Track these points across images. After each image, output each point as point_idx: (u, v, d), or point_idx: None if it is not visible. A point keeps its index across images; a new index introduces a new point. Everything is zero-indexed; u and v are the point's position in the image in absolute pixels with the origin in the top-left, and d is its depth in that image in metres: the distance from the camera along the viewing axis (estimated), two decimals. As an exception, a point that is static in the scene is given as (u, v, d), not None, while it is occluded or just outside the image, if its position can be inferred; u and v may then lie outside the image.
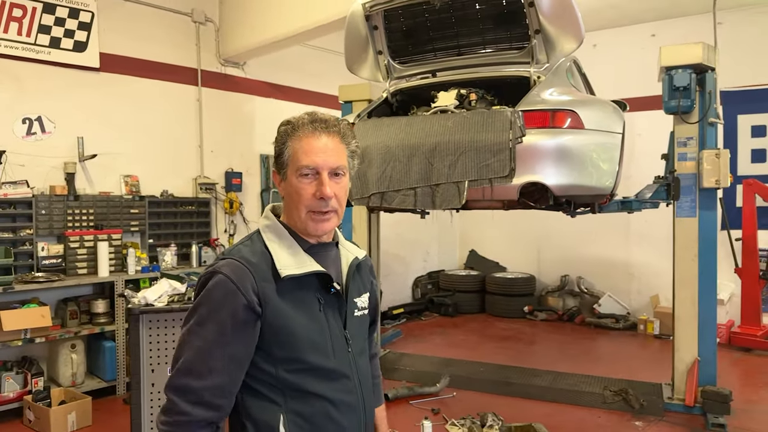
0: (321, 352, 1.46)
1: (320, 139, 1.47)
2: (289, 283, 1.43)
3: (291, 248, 1.49)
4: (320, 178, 1.46)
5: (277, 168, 1.54)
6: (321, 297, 1.49)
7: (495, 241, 9.51)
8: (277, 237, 1.51)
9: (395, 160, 3.46)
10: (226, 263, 1.43)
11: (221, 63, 6.66)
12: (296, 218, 1.50)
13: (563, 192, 3.38)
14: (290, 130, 1.49)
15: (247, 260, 1.43)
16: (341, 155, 1.50)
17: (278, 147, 1.52)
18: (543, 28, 3.69)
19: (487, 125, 3.28)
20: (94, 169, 5.57)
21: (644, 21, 7.84)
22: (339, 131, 1.51)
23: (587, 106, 3.55)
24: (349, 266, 1.59)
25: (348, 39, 4.21)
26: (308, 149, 1.46)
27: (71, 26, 5.40)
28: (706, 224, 4.76)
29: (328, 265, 1.53)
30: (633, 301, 8.10)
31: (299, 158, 1.46)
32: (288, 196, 1.51)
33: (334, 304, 1.52)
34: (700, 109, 4.69)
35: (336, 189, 1.47)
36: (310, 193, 1.46)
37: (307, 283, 1.47)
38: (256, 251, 1.47)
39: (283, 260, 1.45)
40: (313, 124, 1.48)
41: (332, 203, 1.47)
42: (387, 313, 8.02)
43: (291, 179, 1.48)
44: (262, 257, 1.46)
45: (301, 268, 1.45)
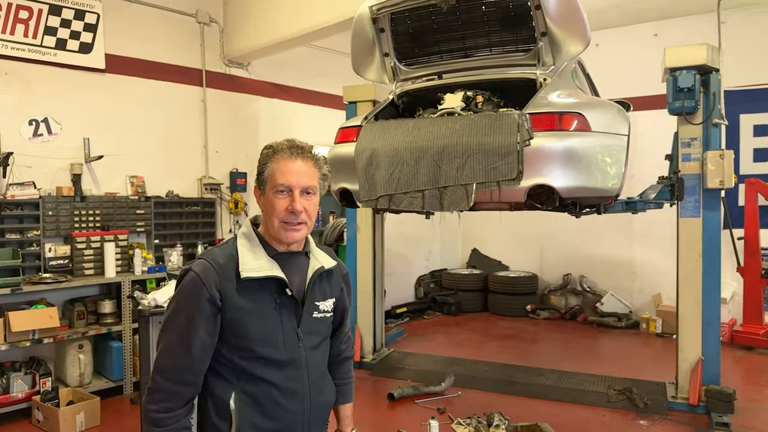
0: (271, 345, 1.70)
1: (295, 162, 1.71)
2: (248, 284, 1.67)
3: (257, 254, 1.73)
4: (293, 195, 1.69)
5: (258, 184, 1.78)
6: (278, 298, 1.72)
7: (497, 240, 9.55)
8: (248, 243, 1.76)
9: (403, 163, 3.49)
10: (199, 263, 1.70)
11: (225, 64, 6.68)
12: (271, 227, 1.74)
13: (570, 194, 3.40)
14: (271, 153, 1.74)
15: (215, 261, 1.69)
16: (313, 177, 1.74)
17: (260, 167, 1.76)
18: (549, 30, 3.71)
19: (495, 128, 3.31)
20: (100, 170, 5.60)
21: (647, 20, 7.86)
22: (313, 157, 1.76)
23: (594, 109, 3.57)
24: (312, 273, 1.81)
25: (355, 41, 4.23)
26: (284, 170, 1.70)
27: (77, 28, 5.42)
28: (710, 224, 4.78)
29: (293, 271, 1.78)
30: (635, 300, 8.14)
31: (276, 177, 1.70)
32: (265, 208, 1.75)
33: (290, 305, 1.75)
34: (704, 110, 4.71)
35: (306, 204, 1.71)
36: (284, 207, 1.69)
37: (266, 285, 1.71)
38: (226, 254, 1.72)
39: (247, 264, 1.69)
40: (290, 149, 1.72)
41: (302, 216, 1.71)
42: (390, 312, 8.05)
43: (269, 194, 1.72)
44: (230, 260, 1.70)
45: (260, 271, 1.69)
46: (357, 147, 3.71)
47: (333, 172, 4.20)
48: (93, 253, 5.32)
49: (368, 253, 6.12)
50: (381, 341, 6.34)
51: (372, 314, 6.19)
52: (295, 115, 7.45)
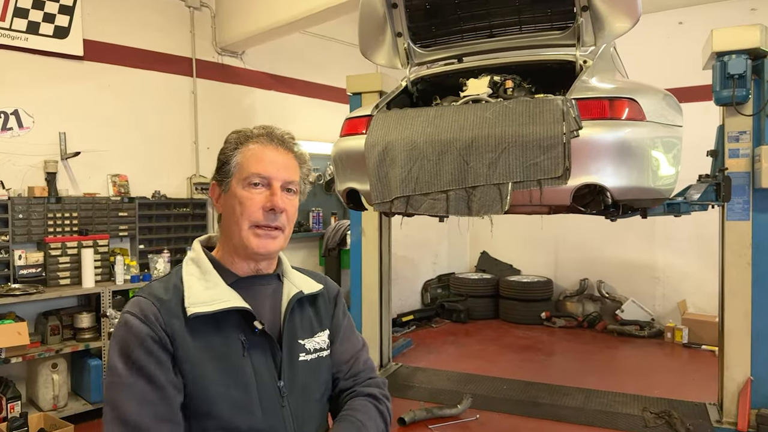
0: (242, 409, 1.25)
1: (277, 151, 1.36)
2: (201, 323, 1.26)
3: (209, 282, 1.32)
4: (272, 188, 1.33)
5: (219, 179, 1.38)
6: (245, 338, 1.29)
7: (507, 242, 8.99)
8: (197, 270, 1.34)
9: (423, 159, 2.95)
10: (132, 302, 1.29)
11: (218, 52, 6.13)
12: (235, 236, 1.33)
13: (623, 196, 2.87)
14: (242, 138, 1.37)
15: (155, 296, 1.28)
16: (296, 172, 1.39)
17: (224, 155, 1.37)
18: (592, 3, 3.17)
19: (535, 116, 2.77)
20: (78, 168, 5.04)
21: (670, 8, 7.33)
22: (294, 150, 1.40)
23: (647, 94, 3.04)
24: (288, 301, 1.39)
25: (362, 20, 3.68)
26: (261, 157, 1.34)
27: (51, 10, 4.86)
28: (762, 228, 4.26)
29: (261, 301, 1.37)
30: (658, 307, 7.61)
31: (249, 165, 1.33)
32: (229, 209, 1.35)
33: (264, 347, 1.32)
34: (755, 99, 4.18)
35: (288, 204, 1.35)
36: (258, 204, 1.31)
37: (227, 323, 1.29)
38: (169, 287, 1.31)
39: (195, 296, 1.27)
40: (269, 135, 1.37)
41: (282, 219, 1.34)
42: (396, 321, 7.51)
43: (235, 190, 1.33)
44: (175, 293, 1.29)
45: (214, 304, 1.27)
46: (368, 140, 3.16)
47: (339, 170, 3.68)
48: (69, 260, 4.77)
49: (374, 258, 5.58)
50: (388, 355, 5.81)
51: (378, 325, 5.66)
52: (294, 108, 6.89)
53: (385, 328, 5.71)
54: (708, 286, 6.24)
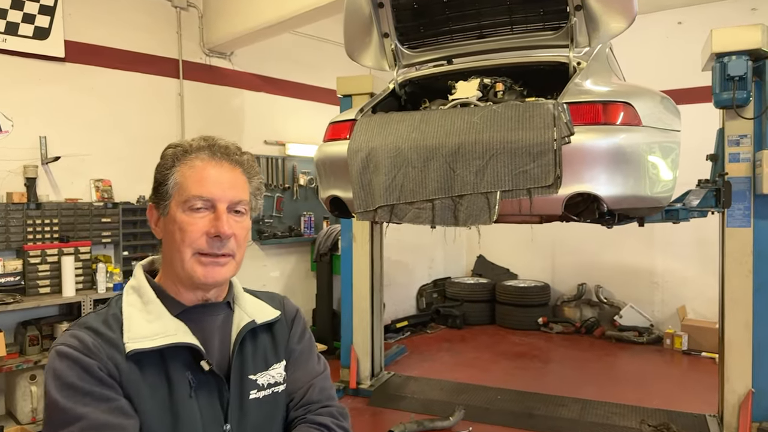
0: None
1: (220, 166, 1.21)
2: (143, 360, 1.12)
3: (152, 314, 1.17)
4: (217, 211, 1.18)
5: (156, 201, 1.23)
6: (192, 377, 1.16)
7: (504, 246, 8.84)
8: (138, 300, 1.20)
9: (408, 166, 2.80)
10: (66, 336, 1.12)
11: (206, 53, 5.98)
12: (178, 265, 1.18)
13: (617, 204, 2.73)
14: (180, 153, 1.20)
15: (92, 329, 1.13)
16: (244, 189, 1.24)
17: (161, 174, 1.21)
18: (586, 2, 3.03)
19: (525, 121, 2.62)
20: (59, 173, 4.90)
21: (669, 7, 7.19)
22: (242, 162, 1.24)
23: (642, 98, 2.90)
24: (238, 333, 1.25)
25: (347, 20, 3.54)
26: (203, 176, 1.18)
27: (31, 10, 4.72)
28: (764, 235, 4.12)
29: (211, 333, 1.23)
30: (657, 313, 7.46)
31: (189, 187, 1.17)
32: (169, 236, 1.20)
33: (210, 387, 1.19)
34: (757, 102, 4.04)
35: (235, 228, 1.20)
36: (202, 230, 1.17)
37: (173, 359, 1.15)
38: (108, 319, 1.16)
39: (135, 330, 1.13)
40: (211, 148, 1.21)
41: (230, 245, 1.20)
42: (390, 327, 7.37)
43: (175, 214, 1.18)
44: (113, 326, 1.15)
45: (156, 339, 1.13)
46: (350, 146, 3.02)
47: (322, 177, 3.54)
48: (49, 268, 4.62)
49: (365, 265, 5.43)
50: (380, 364, 5.66)
51: (370, 333, 5.51)
52: (284, 110, 6.75)
53: (376, 337, 5.56)
54: (708, 292, 6.10)
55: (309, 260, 6.96)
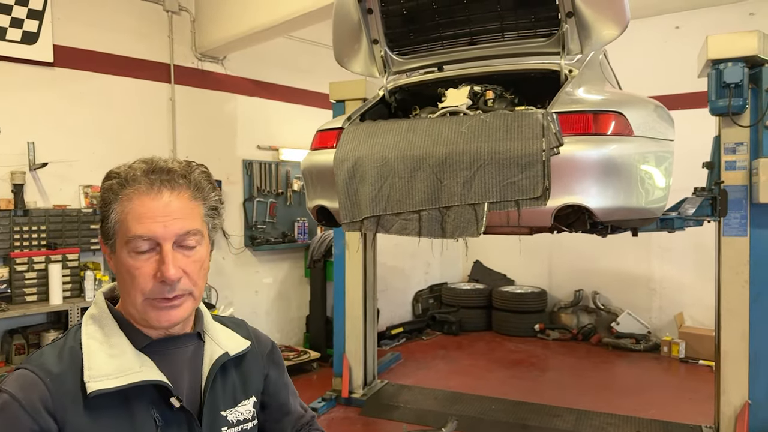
0: None
1: (160, 197, 1.07)
2: (104, 400, 1.03)
3: (115, 347, 1.09)
4: (161, 253, 1.06)
5: (104, 237, 1.12)
6: (158, 415, 1.08)
7: (502, 251, 8.75)
8: (99, 332, 1.10)
9: (394, 176, 2.74)
10: (16, 376, 1.04)
11: (198, 57, 5.92)
12: (131, 308, 1.10)
13: (608, 216, 2.66)
14: (116, 186, 1.08)
15: (45, 370, 1.04)
16: (192, 217, 1.11)
17: (102, 210, 1.10)
18: (577, 9, 2.97)
19: (513, 131, 2.56)
20: (47, 179, 4.84)
21: (667, 12, 7.14)
22: (189, 183, 1.11)
23: (634, 107, 2.84)
24: (211, 366, 1.18)
25: (337, 26, 3.48)
26: (142, 212, 1.06)
27: (19, 14, 4.66)
28: (760, 245, 4.05)
29: (179, 368, 1.15)
30: (654, 320, 7.39)
31: (129, 227, 1.06)
32: (119, 276, 1.10)
33: (180, 425, 1.11)
34: (753, 110, 3.98)
35: (186, 264, 1.09)
36: (149, 275, 1.06)
37: (138, 398, 1.07)
38: (64, 354, 1.08)
39: (97, 367, 1.05)
40: (149, 176, 1.08)
41: (182, 285, 1.08)
42: (385, 333, 7.31)
43: (120, 255, 1.08)
44: (71, 363, 1.06)
45: (120, 377, 1.05)
46: (337, 155, 2.96)
47: (309, 186, 3.48)
48: (36, 275, 4.56)
49: (358, 272, 5.36)
50: (373, 372, 5.59)
51: (362, 341, 5.43)
52: (278, 115, 6.69)
53: (369, 345, 5.49)
54: (706, 299, 6.03)
55: (303, 266, 6.89)
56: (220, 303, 5.89)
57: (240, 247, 6.22)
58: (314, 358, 6.30)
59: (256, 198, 6.30)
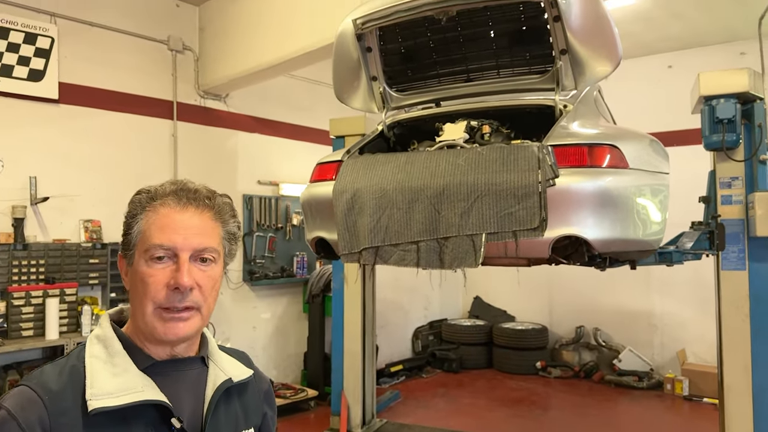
0: None
1: (185, 211, 1.14)
2: (103, 419, 1.03)
3: (119, 366, 1.09)
4: (178, 261, 1.11)
5: (124, 251, 1.17)
6: None
7: (501, 287, 8.73)
8: (103, 352, 1.11)
9: (393, 207, 2.76)
10: (15, 393, 1.05)
11: (200, 95, 6.04)
12: (141, 318, 1.12)
13: (605, 248, 2.67)
14: (145, 200, 1.15)
15: (44, 387, 1.04)
16: (212, 235, 1.16)
17: (127, 222, 1.15)
18: (571, 46, 3.04)
19: (509, 163, 2.60)
20: (48, 214, 4.87)
21: (660, 51, 7.32)
22: (213, 206, 1.18)
23: (629, 141, 2.88)
24: (214, 391, 1.18)
25: (337, 63, 3.56)
26: (165, 223, 1.11)
27: (26, 53, 4.78)
28: (759, 278, 4.04)
29: (182, 390, 1.15)
30: (656, 356, 7.32)
31: (151, 235, 1.11)
32: (132, 288, 1.14)
33: None
34: (747, 144, 4.04)
35: (200, 278, 1.13)
36: (162, 282, 1.10)
37: (137, 418, 1.07)
38: (65, 373, 1.08)
39: (99, 385, 1.05)
40: (177, 193, 1.15)
41: (193, 297, 1.11)
42: (384, 371, 7.21)
43: (137, 265, 1.12)
44: (72, 382, 1.06)
45: (122, 395, 1.05)
46: (336, 186, 2.99)
47: (308, 218, 3.50)
48: (33, 310, 4.54)
49: (357, 305, 5.34)
50: (372, 411, 5.49)
51: (361, 378, 5.36)
52: (278, 151, 6.77)
53: (368, 382, 5.41)
54: (708, 335, 5.98)
55: (301, 301, 6.85)
56: (218, 338, 5.81)
57: (238, 282, 6.20)
58: (312, 396, 6.21)
59: (255, 232, 6.32)
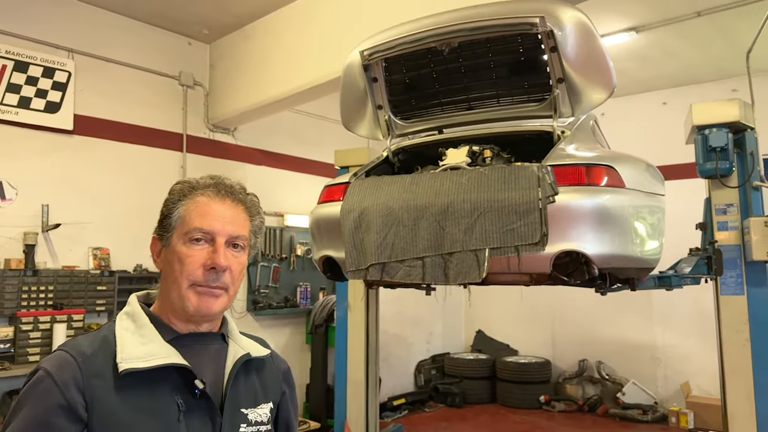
0: None
1: (223, 203, 1.28)
2: (131, 382, 1.13)
3: (146, 338, 1.19)
4: (215, 244, 1.24)
5: (160, 234, 1.29)
6: (182, 401, 1.17)
7: (503, 321, 8.75)
8: (132, 324, 1.22)
9: (399, 224, 2.86)
10: (52, 356, 1.16)
11: (210, 128, 6.23)
12: (174, 293, 1.23)
13: (605, 263, 2.75)
14: (187, 189, 1.29)
15: (78, 351, 1.15)
16: (244, 227, 1.31)
17: (167, 207, 1.29)
18: (567, 75, 3.20)
19: (510, 182, 2.71)
20: (58, 241, 4.97)
21: (655, 89, 7.56)
22: (245, 201, 1.33)
23: (625, 163, 3.00)
24: (234, 363, 1.28)
25: (344, 92, 3.73)
26: (206, 210, 1.25)
27: (44, 86, 4.98)
28: (758, 302, 4.10)
29: (204, 361, 1.25)
30: (660, 389, 7.27)
31: (192, 219, 1.24)
32: (168, 266, 1.25)
33: (203, 412, 1.20)
34: (740, 172, 4.17)
35: (232, 262, 1.26)
36: (199, 262, 1.22)
37: (162, 382, 1.16)
38: (97, 341, 1.19)
39: (128, 350, 1.15)
40: (216, 186, 1.29)
41: (225, 278, 1.24)
42: (387, 405, 7.16)
43: (175, 245, 1.24)
44: (103, 348, 1.17)
45: (149, 360, 1.15)
46: (343, 206, 3.10)
47: (316, 238, 3.59)
48: (40, 335, 4.60)
49: (360, 335, 5.35)
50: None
51: (364, 409, 5.33)
52: (284, 183, 6.92)
53: (371, 413, 5.38)
54: (711, 368, 5.95)
55: (304, 332, 6.87)
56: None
57: (242, 312, 6.24)
58: (314, 428, 6.16)
59: (260, 262, 6.40)
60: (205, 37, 6.12)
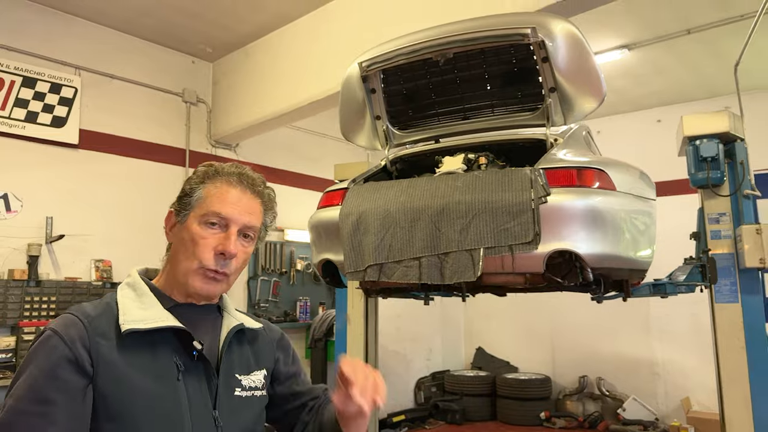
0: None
1: (243, 192, 1.34)
2: (133, 343, 1.20)
3: (146, 304, 1.26)
4: (228, 231, 1.30)
5: (178, 209, 1.34)
6: (180, 362, 1.24)
7: (503, 337, 8.75)
8: (133, 293, 1.29)
9: (396, 226, 2.94)
10: (58, 318, 1.22)
11: (212, 144, 6.35)
12: (179, 271, 1.29)
13: (597, 263, 2.82)
14: (212, 172, 1.35)
15: (83, 313, 1.21)
16: (258, 217, 1.37)
17: (189, 186, 1.34)
18: (559, 85, 3.31)
19: (504, 184, 2.80)
20: (62, 252, 5.05)
21: (649, 107, 7.70)
22: (263, 194, 1.40)
23: (616, 167, 3.09)
24: (228, 331, 1.35)
25: (343, 104, 3.84)
26: (225, 197, 1.31)
27: (51, 101, 5.11)
28: (752, 309, 4.15)
29: (200, 328, 1.31)
30: (661, 405, 7.25)
31: (211, 203, 1.30)
32: (179, 242, 1.31)
33: (199, 373, 1.27)
34: (731, 181, 4.26)
35: (240, 250, 1.32)
36: (211, 246, 1.28)
37: (162, 344, 1.23)
38: (101, 306, 1.26)
39: (130, 314, 1.22)
40: (240, 176, 1.35)
41: (231, 265, 1.30)
42: (386, 421, 7.13)
43: (191, 225, 1.30)
44: (106, 312, 1.24)
45: (149, 322, 1.22)
46: (342, 210, 3.18)
47: (315, 242, 3.66)
48: (42, 345, 4.62)
49: (360, 348, 5.38)
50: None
51: (364, 422, 5.33)
52: (284, 198, 6.89)
53: (371, 429, 5.38)
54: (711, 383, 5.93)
55: (303, 346, 6.89)
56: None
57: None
58: (313, 444, 6.12)
59: (260, 276, 6.45)
60: (209, 55, 6.28)
